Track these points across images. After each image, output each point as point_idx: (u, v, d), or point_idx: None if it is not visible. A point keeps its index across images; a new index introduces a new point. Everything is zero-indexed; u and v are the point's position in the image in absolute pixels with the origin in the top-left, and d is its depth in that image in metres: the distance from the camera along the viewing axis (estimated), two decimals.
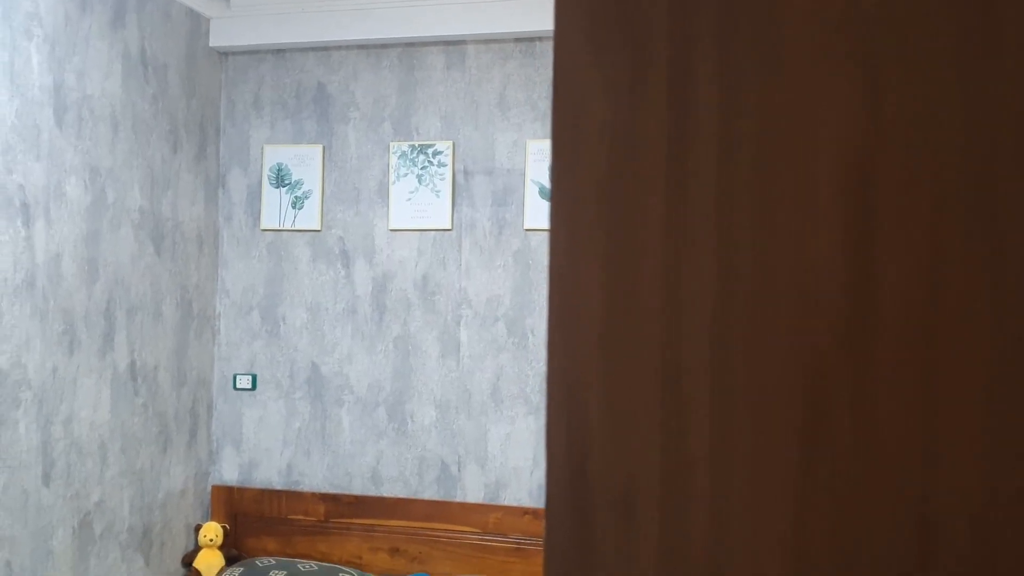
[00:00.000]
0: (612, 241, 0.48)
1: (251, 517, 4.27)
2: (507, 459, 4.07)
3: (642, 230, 0.48)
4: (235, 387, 4.38)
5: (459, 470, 4.12)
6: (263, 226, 4.39)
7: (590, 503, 0.55)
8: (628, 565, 0.54)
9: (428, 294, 4.20)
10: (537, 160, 4.07)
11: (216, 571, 4.05)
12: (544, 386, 3.98)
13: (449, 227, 4.18)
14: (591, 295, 0.51)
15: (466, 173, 4.18)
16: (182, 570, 4.13)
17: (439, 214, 4.19)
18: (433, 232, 4.21)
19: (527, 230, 4.09)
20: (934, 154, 0.47)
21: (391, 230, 4.25)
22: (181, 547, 4.15)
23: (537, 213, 4.06)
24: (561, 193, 0.50)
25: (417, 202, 4.22)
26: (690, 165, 0.49)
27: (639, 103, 0.51)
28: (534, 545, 3.94)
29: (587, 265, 0.50)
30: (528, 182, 4.08)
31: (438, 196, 4.19)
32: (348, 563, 4.11)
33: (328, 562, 4.08)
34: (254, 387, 4.36)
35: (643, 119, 0.51)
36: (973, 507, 0.47)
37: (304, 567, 3.94)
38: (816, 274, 0.46)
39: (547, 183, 4.05)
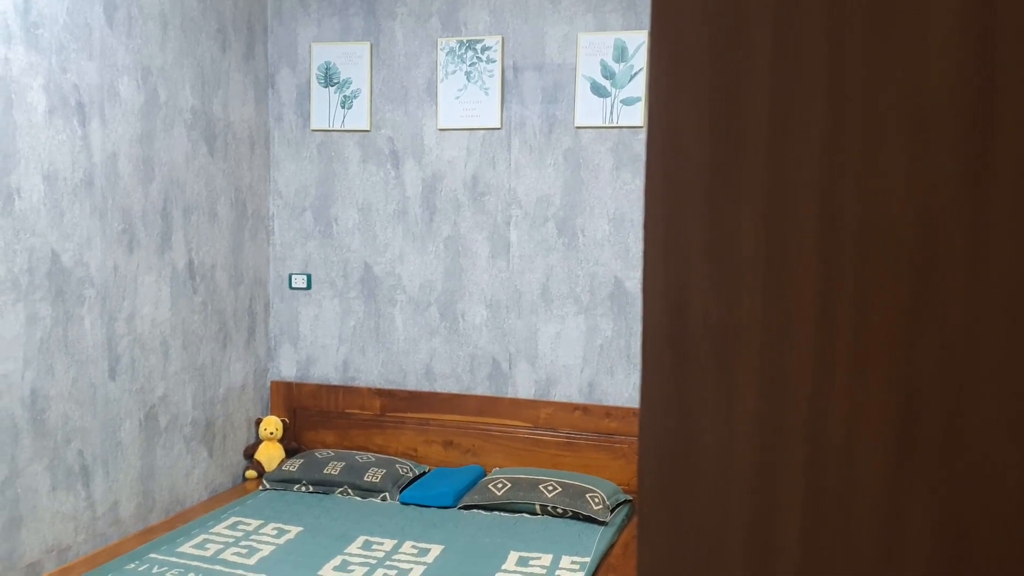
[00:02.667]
0: (716, 68, 0.47)
1: (309, 411, 4.39)
2: (557, 357, 4.11)
3: (748, 55, 0.46)
4: (291, 286, 4.46)
5: (510, 367, 4.17)
6: (313, 126, 4.38)
7: (688, 339, 0.55)
8: (727, 401, 0.54)
9: (478, 194, 4.19)
10: (589, 54, 3.98)
11: (276, 463, 4.20)
12: (593, 286, 3.97)
13: (498, 126, 4.13)
14: (693, 130, 0.50)
15: (515, 69, 4.11)
16: (244, 462, 4.29)
17: (488, 112, 4.14)
18: (482, 131, 4.17)
19: (578, 128, 4.03)
20: None
21: (440, 129, 4.22)
22: (243, 440, 4.30)
23: (588, 110, 3.99)
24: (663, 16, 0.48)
25: (466, 100, 4.17)
26: None
27: None
28: (584, 439, 4.02)
29: (689, 95, 0.49)
30: (579, 78, 3.99)
31: (487, 94, 4.14)
32: (403, 455, 4.24)
33: (384, 454, 4.20)
34: (309, 286, 4.43)
35: None
36: None
37: (361, 459, 4.07)
38: (933, 101, 0.44)
39: (599, 78, 3.97)
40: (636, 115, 3.93)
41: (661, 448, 0.56)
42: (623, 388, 4.02)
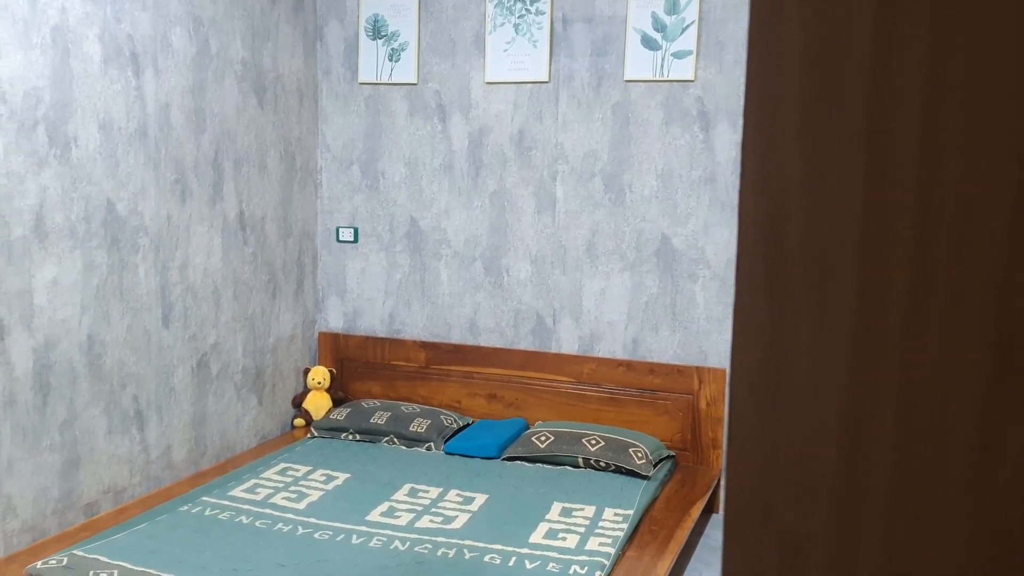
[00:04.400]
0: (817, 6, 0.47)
1: (356, 362, 4.46)
2: (601, 314, 4.11)
3: None
4: (338, 239, 4.50)
5: (554, 323, 4.19)
6: (361, 80, 4.39)
7: (783, 265, 0.55)
8: (822, 324, 0.54)
9: (524, 149, 4.18)
10: (639, 6, 3.92)
11: (324, 412, 4.28)
12: (639, 242, 3.95)
13: (546, 79, 4.10)
14: (793, 67, 0.50)
15: (564, 21, 4.07)
16: (292, 411, 4.38)
17: (536, 65, 4.11)
18: (530, 84, 4.14)
19: (627, 81, 3.98)
20: None
21: (487, 83, 4.20)
22: (291, 389, 4.38)
23: (638, 64, 3.95)
24: None
25: (514, 53, 4.14)
26: None
27: None
28: (627, 395, 4.03)
29: (788, 32, 0.49)
30: (629, 30, 3.94)
31: (535, 47, 4.10)
32: (448, 407, 4.29)
33: (429, 405, 4.26)
34: (356, 240, 4.47)
35: None
36: None
37: (407, 409, 4.13)
38: None
39: (650, 31, 3.91)
40: (687, 69, 3.88)
41: (753, 373, 0.57)
42: (667, 345, 4.02)
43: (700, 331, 3.97)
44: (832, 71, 0.51)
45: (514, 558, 2.85)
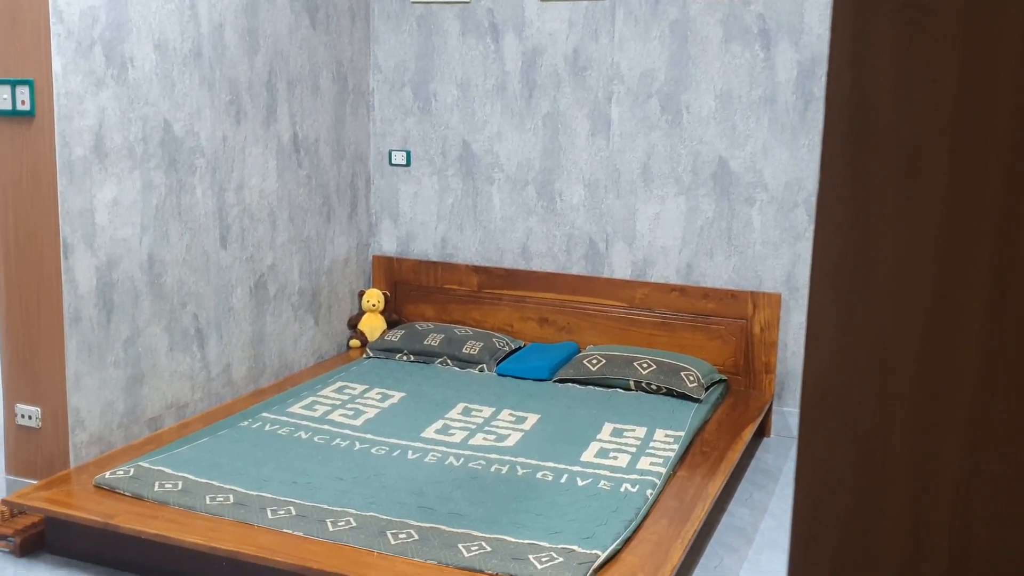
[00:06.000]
0: None
1: (409, 286, 4.49)
2: (655, 238, 4.07)
3: None
4: (391, 163, 4.49)
5: (607, 248, 4.16)
6: None
7: (872, 162, 0.53)
8: (911, 222, 0.52)
9: (579, 69, 4.10)
10: None
11: (379, 333, 4.34)
12: (696, 165, 3.88)
13: None
14: None
15: None
16: (348, 332, 4.44)
17: None
18: (585, 2, 4.04)
19: None
20: None
21: (541, 0, 4.10)
22: (346, 311, 4.44)
23: None
24: None
25: None
26: None
27: None
28: (680, 320, 4.01)
29: None
30: None
31: None
32: (500, 330, 4.31)
33: (481, 328, 4.29)
34: (408, 163, 4.46)
35: None
36: None
37: (460, 332, 4.17)
38: None
39: None
40: None
41: (836, 267, 0.55)
42: (722, 270, 3.97)
43: (756, 256, 3.92)
44: None
45: (566, 475, 2.89)
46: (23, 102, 2.88)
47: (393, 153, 4.47)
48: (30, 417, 3.05)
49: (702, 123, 3.93)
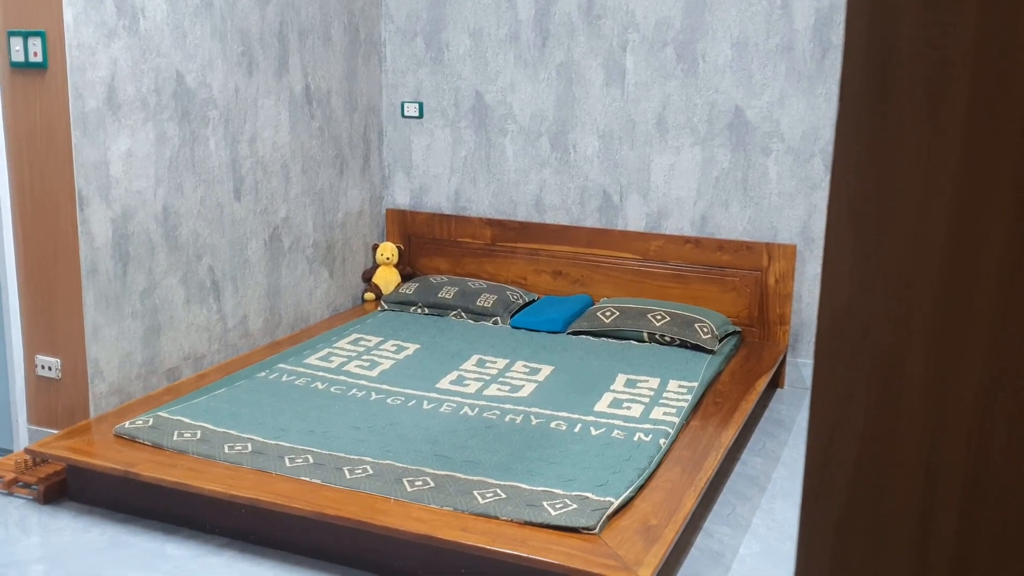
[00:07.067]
0: None
1: (423, 239, 4.49)
2: (670, 189, 4.05)
3: None
4: (403, 115, 4.47)
5: (621, 200, 4.14)
6: None
7: (893, 91, 0.52)
8: (929, 154, 0.51)
9: (593, 17, 4.04)
10: None
11: (393, 286, 4.35)
12: (712, 115, 3.84)
13: None
14: None
15: None
16: (363, 284, 4.46)
17: None
18: None
19: None
20: None
21: None
22: (361, 264, 4.45)
23: None
24: None
25: None
26: None
27: None
28: (694, 272, 4.00)
29: None
30: None
31: None
32: (513, 283, 4.32)
33: (495, 281, 4.29)
34: (421, 115, 4.43)
35: None
36: None
37: (473, 285, 4.17)
38: None
39: None
40: None
41: (854, 198, 0.54)
42: (737, 222, 3.95)
43: (771, 207, 3.89)
44: None
45: (579, 425, 2.91)
46: (35, 54, 2.87)
47: (405, 104, 4.45)
48: (50, 368, 3.09)
49: (718, 72, 3.88)
